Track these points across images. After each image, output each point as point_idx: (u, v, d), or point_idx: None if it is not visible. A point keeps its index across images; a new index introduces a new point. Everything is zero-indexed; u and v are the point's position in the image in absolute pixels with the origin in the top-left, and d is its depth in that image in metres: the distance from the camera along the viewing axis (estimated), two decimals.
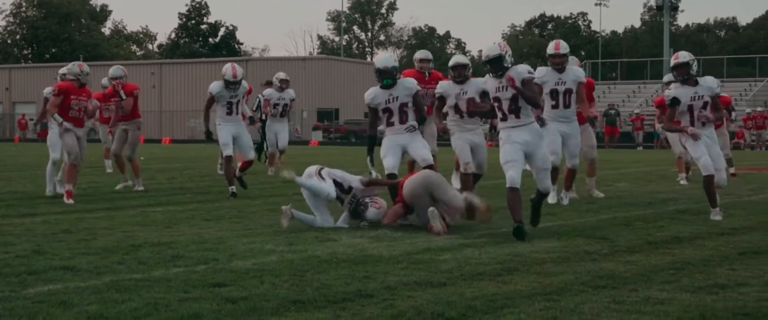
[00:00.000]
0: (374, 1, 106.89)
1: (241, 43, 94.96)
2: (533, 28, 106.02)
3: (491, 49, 8.35)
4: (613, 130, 40.32)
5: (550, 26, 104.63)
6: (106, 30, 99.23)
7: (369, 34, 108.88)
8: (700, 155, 9.70)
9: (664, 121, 10.30)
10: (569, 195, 11.68)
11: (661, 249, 7.53)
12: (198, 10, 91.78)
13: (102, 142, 18.43)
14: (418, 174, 9.05)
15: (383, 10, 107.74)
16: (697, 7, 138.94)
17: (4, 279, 6.08)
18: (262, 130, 17.62)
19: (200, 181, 15.79)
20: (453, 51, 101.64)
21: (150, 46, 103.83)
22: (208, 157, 25.58)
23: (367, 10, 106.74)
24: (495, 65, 8.34)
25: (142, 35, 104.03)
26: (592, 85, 12.41)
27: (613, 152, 31.96)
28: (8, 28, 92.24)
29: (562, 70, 11.08)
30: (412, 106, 9.86)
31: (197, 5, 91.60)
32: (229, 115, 12.52)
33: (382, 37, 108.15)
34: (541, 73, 11.10)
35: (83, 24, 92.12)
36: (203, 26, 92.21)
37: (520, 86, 8.25)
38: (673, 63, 9.87)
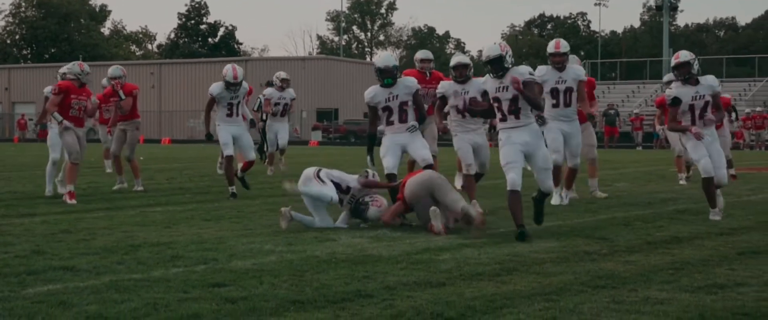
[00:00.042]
0: (374, 1, 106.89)
1: (241, 43, 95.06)
2: (533, 28, 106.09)
3: (492, 50, 8.32)
4: (613, 130, 40.33)
5: (549, 26, 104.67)
6: (106, 30, 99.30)
7: (368, 34, 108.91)
8: (699, 157, 9.69)
9: (668, 121, 10.25)
10: (569, 194, 11.68)
11: (660, 249, 7.53)
12: (197, 10, 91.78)
13: (102, 142, 18.43)
14: (421, 175, 9.01)
15: (383, 10, 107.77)
16: (697, 7, 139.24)
17: (4, 279, 6.08)
18: (262, 130, 17.64)
19: (199, 181, 15.79)
20: (452, 51, 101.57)
21: (149, 46, 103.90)
22: (207, 157, 25.58)
23: (366, 10, 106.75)
24: (495, 66, 8.30)
25: (141, 35, 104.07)
26: (593, 84, 12.36)
27: (613, 152, 31.97)
28: (7, 29, 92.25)
29: (562, 68, 11.07)
30: (412, 105, 9.85)
31: (196, 5, 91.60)
32: (230, 116, 12.51)
33: (381, 37, 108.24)
34: (542, 71, 11.08)
35: (82, 24, 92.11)
36: (202, 26, 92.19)
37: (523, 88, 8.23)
38: (674, 62, 9.80)
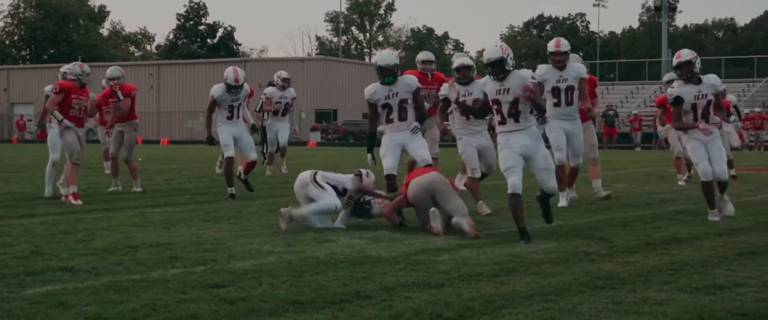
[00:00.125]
0: (372, 2, 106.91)
1: (240, 44, 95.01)
2: (531, 29, 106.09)
3: (493, 52, 8.27)
4: (612, 131, 40.33)
5: (548, 27, 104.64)
6: (105, 31, 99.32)
7: (367, 35, 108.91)
8: (699, 160, 9.66)
9: (672, 120, 10.16)
10: (570, 194, 11.65)
11: (659, 250, 7.53)
12: (196, 11, 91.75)
13: (101, 143, 18.43)
14: (424, 178, 8.92)
15: (381, 11, 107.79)
16: (696, 8, 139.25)
17: (3, 280, 6.08)
18: (262, 130, 17.64)
19: (198, 182, 15.78)
20: (451, 51, 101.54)
21: (148, 47, 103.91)
22: (206, 157, 25.58)
23: (365, 10, 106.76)
24: (496, 68, 8.24)
25: (140, 36, 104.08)
26: (595, 82, 12.25)
27: (612, 153, 31.97)
28: (6, 29, 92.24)
29: (563, 67, 11.03)
30: (412, 104, 9.82)
31: (195, 6, 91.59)
32: (231, 118, 12.52)
33: (380, 38, 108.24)
34: (542, 70, 11.05)
35: (81, 25, 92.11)
36: (201, 27, 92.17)
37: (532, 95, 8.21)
38: (675, 62, 9.73)
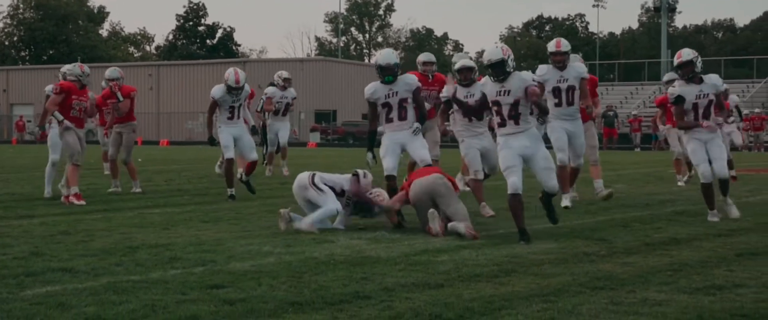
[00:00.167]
0: (372, 3, 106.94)
1: (239, 45, 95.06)
2: (531, 30, 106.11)
3: (494, 53, 8.24)
4: (612, 132, 40.34)
5: (547, 27, 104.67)
6: (104, 31, 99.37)
7: (367, 36, 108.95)
8: (699, 162, 9.65)
9: (675, 119, 10.11)
10: (570, 194, 11.61)
11: (658, 251, 7.53)
12: (195, 12, 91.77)
13: (101, 144, 18.43)
14: (427, 180, 8.85)
15: (381, 12, 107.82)
16: (695, 9, 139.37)
17: (2, 281, 6.08)
18: (262, 130, 17.63)
19: (198, 183, 15.79)
20: (451, 52, 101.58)
21: (147, 48, 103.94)
22: (205, 158, 25.58)
23: (364, 11, 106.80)
24: (497, 69, 8.22)
25: (139, 37, 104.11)
26: (596, 82, 12.13)
27: (611, 153, 31.97)
28: (6, 30, 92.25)
29: (563, 67, 11.00)
30: (413, 103, 9.80)
31: (195, 7, 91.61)
32: (231, 119, 12.53)
33: (379, 39, 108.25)
34: (543, 71, 11.02)
35: (81, 26, 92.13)
36: (201, 28, 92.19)
37: (536, 99, 8.22)
38: (676, 61, 9.69)
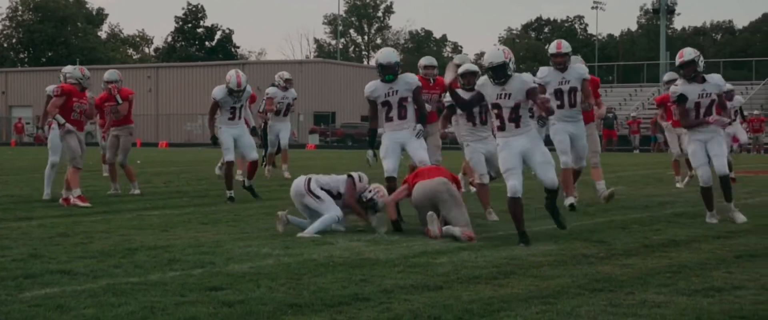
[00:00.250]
0: (371, 5, 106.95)
1: (238, 47, 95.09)
2: (530, 31, 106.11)
3: (496, 56, 8.20)
4: (611, 133, 40.37)
5: (546, 29, 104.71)
6: (103, 33, 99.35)
7: (366, 38, 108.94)
8: (699, 164, 9.63)
9: (679, 118, 10.04)
10: (573, 196, 11.56)
11: (657, 253, 7.53)
12: (194, 14, 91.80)
13: (100, 146, 18.41)
14: (430, 184, 8.77)
15: (380, 14, 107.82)
16: (694, 11, 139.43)
17: (1, 283, 6.07)
18: (263, 131, 17.62)
19: (197, 185, 15.78)
20: (450, 54, 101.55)
21: (146, 50, 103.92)
22: (204, 160, 25.58)
23: (363, 13, 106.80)
24: (498, 72, 8.19)
25: (138, 39, 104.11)
26: (597, 83, 12.08)
27: (611, 155, 31.97)
28: (4, 32, 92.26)
29: (564, 69, 10.96)
30: (413, 103, 9.78)
31: (193, 9, 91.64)
32: (232, 120, 12.54)
33: (378, 41, 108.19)
34: (544, 73, 10.99)
35: (79, 27, 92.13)
36: (200, 30, 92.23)
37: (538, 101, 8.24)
38: (678, 61, 9.64)
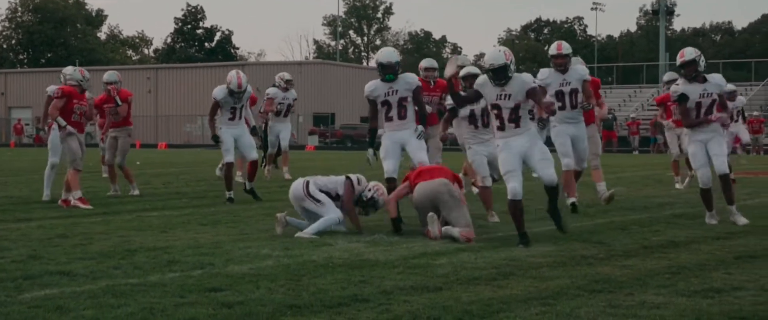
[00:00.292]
0: (370, 6, 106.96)
1: (237, 48, 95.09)
2: (529, 33, 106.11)
3: (497, 58, 8.19)
4: (610, 134, 40.39)
5: (546, 30, 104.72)
6: (102, 35, 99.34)
7: (365, 39, 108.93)
8: (699, 166, 9.61)
9: (681, 118, 9.99)
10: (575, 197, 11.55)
11: (657, 254, 7.53)
12: (194, 15, 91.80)
13: (99, 147, 18.42)
14: (431, 185, 8.74)
15: (379, 15, 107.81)
16: (693, 12, 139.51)
17: (0, 285, 6.07)
18: (263, 131, 17.62)
19: (196, 186, 15.78)
20: (449, 56, 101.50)
21: (146, 51, 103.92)
22: (204, 161, 25.58)
23: (363, 14, 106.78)
24: (499, 74, 8.19)
25: (137, 40, 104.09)
26: (598, 84, 12.05)
27: (610, 156, 31.97)
28: (4, 33, 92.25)
29: (565, 70, 10.93)
30: (413, 103, 9.76)
31: (193, 10, 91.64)
32: (232, 120, 12.55)
33: (378, 42, 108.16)
34: (544, 74, 10.97)
35: (79, 29, 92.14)
36: (199, 31, 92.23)
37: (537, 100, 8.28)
38: (679, 61, 9.61)
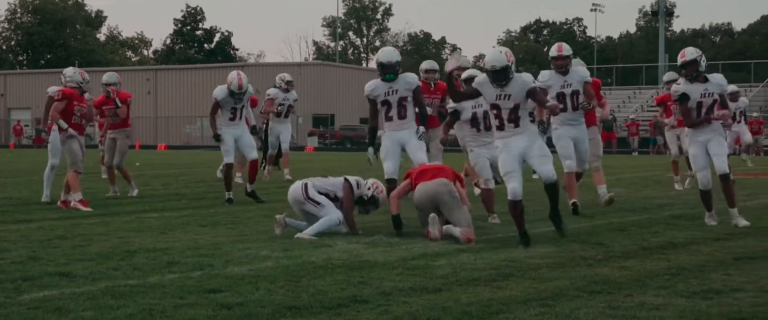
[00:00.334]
0: (370, 7, 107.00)
1: (237, 49, 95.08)
2: (529, 34, 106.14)
3: (498, 60, 8.17)
4: (610, 135, 40.38)
5: (545, 32, 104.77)
6: (102, 36, 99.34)
7: (364, 40, 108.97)
8: (699, 168, 9.60)
9: (682, 118, 9.98)
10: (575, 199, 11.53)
11: (656, 255, 7.53)
12: (193, 16, 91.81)
13: (99, 148, 18.42)
14: (431, 186, 8.72)
15: (379, 16, 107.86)
16: (693, 13, 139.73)
17: (0, 286, 6.07)
18: (263, 132, 17.61)
19: (195, 187, 15.78)
20: (448, 56, 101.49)
21: (145, 52, 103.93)
22: (203, 162, 25.58)
23: (362, 15, 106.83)
24: (500, 75, 8.18)
25: (137, 41, 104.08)
26: (599, 84, 12.01)
27: (609, 158, 31.96)
28: (3, 34, 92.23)
29: (566, 72, 10.91)
30: (412, 103, 9.74)
31: (192, 11, 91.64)
32: (233, 120, 12.55)
33: (377, 43, 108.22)
34: (545, 76, 10.95)
35: (78, 30, 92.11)
36: (198, 32, 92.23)
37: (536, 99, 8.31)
38: (680, 61, 9.58)
